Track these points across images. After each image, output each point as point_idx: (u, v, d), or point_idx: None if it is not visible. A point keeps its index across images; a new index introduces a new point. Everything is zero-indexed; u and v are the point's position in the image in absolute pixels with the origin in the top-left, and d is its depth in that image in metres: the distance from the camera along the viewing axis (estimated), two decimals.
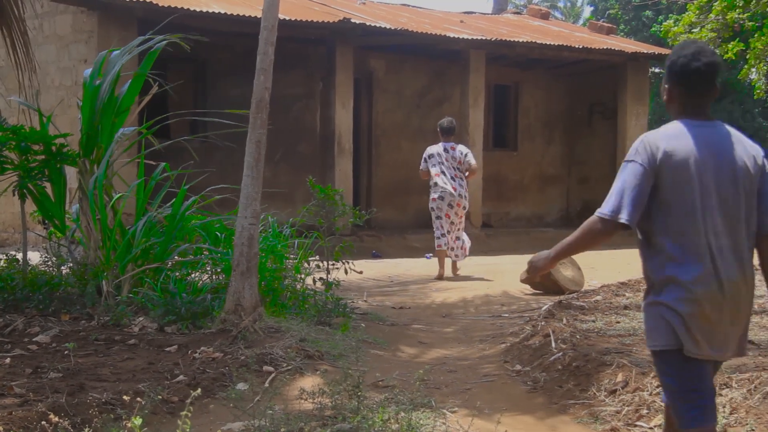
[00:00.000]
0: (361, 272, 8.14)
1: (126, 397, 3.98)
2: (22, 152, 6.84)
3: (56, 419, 3.53)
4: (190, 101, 13.45)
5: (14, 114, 9.50)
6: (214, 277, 6.79)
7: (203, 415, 4.28)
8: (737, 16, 11.54)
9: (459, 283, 9.71)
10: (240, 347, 5.23)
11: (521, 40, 14.25)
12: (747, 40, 13.01)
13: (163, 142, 7.37)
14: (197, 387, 3.97)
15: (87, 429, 3.74)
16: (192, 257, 6.78)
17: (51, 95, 11.64)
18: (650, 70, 16.08)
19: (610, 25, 18.53)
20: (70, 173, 7.49)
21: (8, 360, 5.02)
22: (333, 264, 7.22)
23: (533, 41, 14.27)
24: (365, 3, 15.91)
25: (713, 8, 11.86)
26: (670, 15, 19.36)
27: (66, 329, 5.82)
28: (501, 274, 10.21)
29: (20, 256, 7.02)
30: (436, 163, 10.14)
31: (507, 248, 13.52)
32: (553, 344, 5.60)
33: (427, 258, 12.22)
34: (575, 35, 16.82)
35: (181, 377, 4.67)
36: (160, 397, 4.15)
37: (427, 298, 8.72)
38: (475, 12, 19.35)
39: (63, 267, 7.03)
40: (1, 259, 7.16)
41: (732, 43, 12.43)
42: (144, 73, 6.90)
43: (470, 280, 9.99)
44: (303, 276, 7.02)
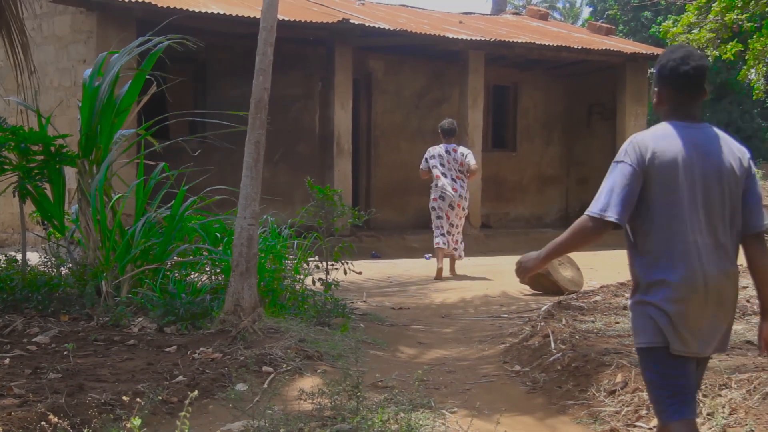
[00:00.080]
0: (361, 273, 8.14)
1: (125, 398, 3.98)
2: (22, 153, 6.84)
3: (55, 420, 3.53)
4: (190, 101, 13.44)
5: (13, 114, 9.48)
6: (214, 278, 6.78)
7: (202, 416, 4.28)
8: (736, 17, 11.55)
9: (458, 284, 9.71)
10: (239, 348, 5.23)
11: (520, 41, 14.25)
12: (746, 41, 13.02)
13: (163, 143, 7.37)
14: (196, 387, 3.97)
15: (86, 429, 3.74)
16: (191, 258, 6.78)
17: (50, 96, 11.63)
18: (649, 71, 16.06)
19: (609, 26, 18.53)
20: (69, 174, 7.49)
21: (7, 360, 5.01)
22: (332, 264, 7.23)
23: (532, 42, 14.26)
24: (364, 3, 15.91)
25: (712, 9, 11.87)
26: (669, 16, 19.38)
27: (65, 330, 5.82)
28: (500, 275, 10.21)
29: (19, 257, 7.02)
30: (438, 164, 10.16)
31: (506, 249, 13.52)
32: (553, 345, 5.60)
33: (426, 258, 12.22)
34: (574, 36, 16.83)
35: (181, 378, 4.67)
36: (160, 398, 4.15)
37: (427, 299, 8.71)
38: (474, 13, 19.36)
39: (62, 267, 7.03)
40: (1, 260, 7.16)
41: (731, 44, 12.44)
42: (145, 73, 6.90)
43: (469, 281, 9.99)
44: (302, 276, 7.02)
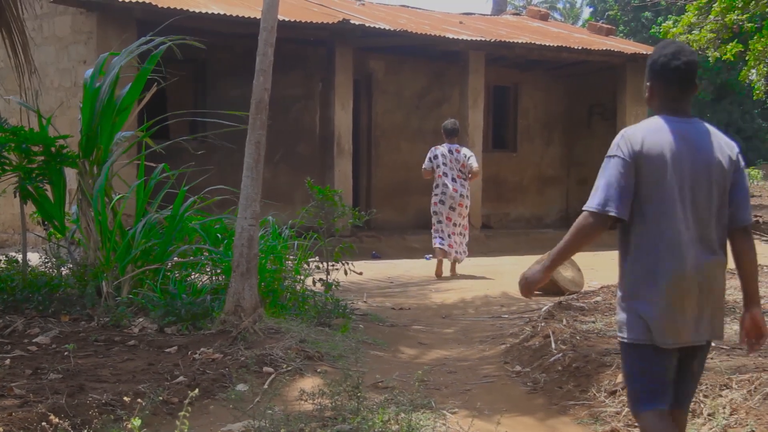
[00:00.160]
0: (361, 273, 8.14)
1: (126, 398, 3.99)
2: (23, 153, 6.84)
3: (56, 420, 3.53)
4: (190, 102, 13.44)
5: (14, 115, 9.49)
6: (214, 278, 6.78)
7: (203, 416, 4.28)
8: (736, 18, 11.57)
9: (458, 284, 9.71)
10: (240, 348, 5.23)
11: (520, 41, 14.24)
12: (746, 42, 13.02)
13: (163, 143, 7.37)
14: (197, 388, 3.97)
15: (87, 430, 3.75)
16: (192, 258, 6.77)
17: (50, 96, 11.63)
18: None
19: (610, 26, 18.53)
20: (70, 174, 7.49)
21: (8, 361, 5.01)
22: (333, 265, 7.23)
23: (532, 42, 14.26)
24: (364, 4, 15.91)
25: (712, 9, 11.88)
26: (670, 16, 19.39)
27: (66, 330, 5.82)
28: (500, 275, 10.21)
29: (20, 257, 7.02)
30: (440, 164, 10.22)
31: (506, 249, 13.52)
32: (553, 345, 5.60)
33: (427, 259, 12.21)
34: (574, 36, 16.82)
35: (181, 378, 4.67)
36: (160, 398, 4.15)
37: (427, 299, 8.71)
38: (475, 13, 19.36)
39: (63, 268, 7.03)
40: (1, 260, 7.16)
41: (731, 44, 12.45)
42: (146, 73, 6.89)
43: (470, 281, 9.99)
44: (303, 277, 7.02)
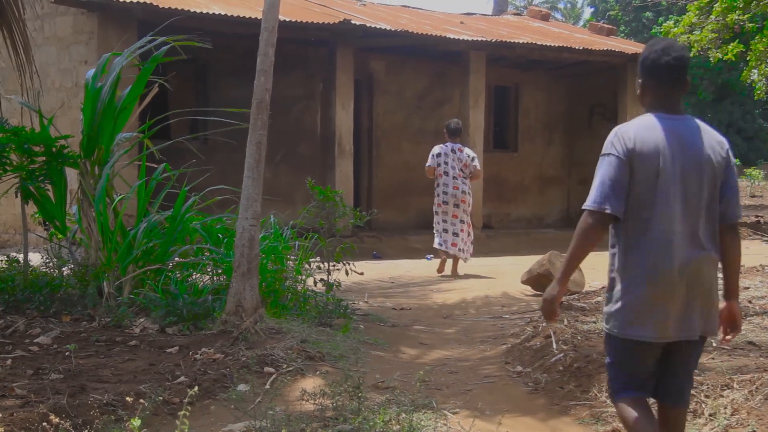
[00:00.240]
0: (362, 273, 8.14)
1: (128, 399, 3.99)
2: (24, 154, 6.85)
3: (57, 420, 3.53)
4: (191, 102, 13.44)
5: (15, 115, 9.49)
6: (215, 279, 6.79)
7: (204, 416, 4.28)
8: (737, 18, 11.56)
9: (459, 284, 9.71)
10: (241, 348, 5.24)
11: (521, 42, 14.24)
12: (747, 42, 13.02)
13: (164, 143, 7.37)
14: (198, 388, 3.97)
15: (88, 430, 3.75)
16: (193, 258, 6.78)
17: (51, 96, 11.64)
18: None
19: (611, 27, 18.53)
20: (71, 175, 7.49)
21: (9, 361, 5.01)
22: (334, 265, 7.23)
23: (533, 42, 14.26)
24: (365, 4, 15.91)
25: (714, 9, 11.87)
26: (671, 16, 19.39)
27: (67, 330, 5.82)
28: (501, 275, 10.22)
29: (21, 258, 7.02)
30: (442, 163, 10.31)
31: (507, 249, 13.52)
32: (554, 345, 5.60)
33: (428, 259, 12.22)
34: (575, 36, 16.82)
35: (183, 378, 4.67)
36: (161, 399, 4.15)
37: (428, 299, 8.71)
38: (476, 13, 19.35)
39: (64, 268, 7.03)
40: (2, 261, 7.17)
41: (732, 45, 12.45)
42: (148, 73, 6.90)
43: (471, 281, 9.99)
44: (304, 277, 7.02)
